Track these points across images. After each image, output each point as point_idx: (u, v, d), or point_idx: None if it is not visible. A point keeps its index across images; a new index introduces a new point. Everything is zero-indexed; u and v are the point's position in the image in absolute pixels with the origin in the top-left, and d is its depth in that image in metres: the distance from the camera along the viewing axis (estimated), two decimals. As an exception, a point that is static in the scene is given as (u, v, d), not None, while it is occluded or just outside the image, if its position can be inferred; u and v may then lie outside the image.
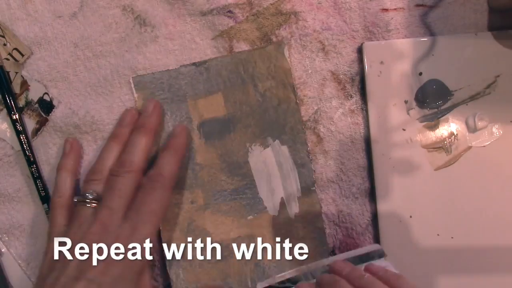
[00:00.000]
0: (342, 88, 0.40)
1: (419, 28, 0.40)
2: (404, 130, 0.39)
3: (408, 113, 0.39)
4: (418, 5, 0.40)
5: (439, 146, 0.39)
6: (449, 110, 0.39)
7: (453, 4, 0.40)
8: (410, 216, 0.39)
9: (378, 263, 0.37)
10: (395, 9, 0.40)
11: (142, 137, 0.39)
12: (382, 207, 0.39)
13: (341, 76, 0.40)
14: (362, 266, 0.35)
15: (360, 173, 0.40)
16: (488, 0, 0.40)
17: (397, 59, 0.39)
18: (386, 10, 0.40)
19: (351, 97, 0.40)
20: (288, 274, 0.38)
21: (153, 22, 0.41)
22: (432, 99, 0.39)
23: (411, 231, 0.39)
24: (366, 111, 0.40)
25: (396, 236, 0.39)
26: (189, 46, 0.41)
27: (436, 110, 0.39)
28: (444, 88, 0.39)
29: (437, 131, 0.39)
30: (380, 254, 0.38)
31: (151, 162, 0.39)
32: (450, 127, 0.39)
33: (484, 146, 0.39)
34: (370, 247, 0.39)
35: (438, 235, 0.39)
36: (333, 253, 0.40)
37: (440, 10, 0.40)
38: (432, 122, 0.39)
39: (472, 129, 0.39)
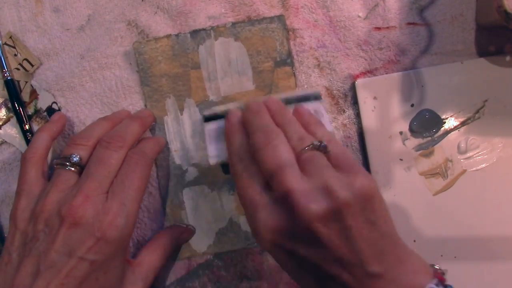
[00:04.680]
0: (335, 103, 0.42)
1: (410, 46, 0.42)
2: (401, 160, 0.41)
3: (404, 144, 0.41)
4: (409, 23, 0.42)
5: (436, 172, 0.41)
6: (442, 137, 0.41)
7: (442, 23, 0.42)
8: (414, 241, 0.41)
9: (312, 105, 0.38)
10: (387, 27, 0.42)
11: (135, 122, 0.38)
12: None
13: (334, 91, 0.42)
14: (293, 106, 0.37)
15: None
16: (476, 18, 0.41)
17: (389, 93, 0.41)
18: (379, 28, 0.42)
19: (344, 111, 0.42)
20: (232, 104, 0.39)
21: (156, 37, 0.42)
22: (425, 128, 0.41)
23: (416, 254, 0.41)
24: (358, 125, 0.42)
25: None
26: (191, 60, 0.43)
27: (430, 138, 0.41)
28: (436, 117, 0.41)
29: (432, 158, 0.41)
30: (316, 96, 0.38)
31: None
32: (444, 153, 0.41)
33: (477, 169, 0.41)
34: (309, 90, 0.40)
35: (441, 256, 0.41)
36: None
37: (430, 28, 0.42)
38: (427, 150, 0.41)
39: (465, 153, 0.41)
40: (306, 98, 0.38)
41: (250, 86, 0.41)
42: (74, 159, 0.36)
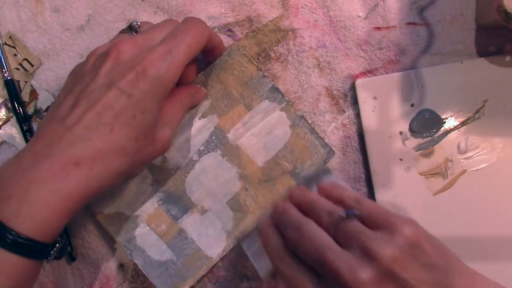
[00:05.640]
0: (335, 103, 0.42)
1: (410, 46, 0.42)
2: (401, 160, 0.41)
3: (403, 144, 0.41)
4: (409, 23, 0.42)
5: (436, 172, 0.41)
6: (442, 137, 0.41)
7: (442, 23, 0.42)
8: None
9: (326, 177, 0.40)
10: (387, 27, 0.42)
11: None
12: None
13: (334, 91, 0.42)
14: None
15: (350, 184, 0.42)
16: (476, 18, 0.41)
17: (389, 93, 0.41)
18: (379, 28, 0.42)
19: (343, 111, 0.42)
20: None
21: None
22: (425, 128, 0.41)
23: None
24: (358, 125, 0.42)
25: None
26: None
27: (430, 138, 0.41)
28: (436, 117, 0.41)
29: (432, 158, 0.41)
30: (325, 170, 0.41)
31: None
32: (444, 153, 0.41)
33: (477, 169, 0.41)
34: (317, 167, 0.41)
35: None
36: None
37: (430, 28, 0.42)
38: (427, 150, 0.41)
39: (465, 153, 0.41)
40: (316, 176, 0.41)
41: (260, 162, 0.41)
42: (136, 25, 0.37)
